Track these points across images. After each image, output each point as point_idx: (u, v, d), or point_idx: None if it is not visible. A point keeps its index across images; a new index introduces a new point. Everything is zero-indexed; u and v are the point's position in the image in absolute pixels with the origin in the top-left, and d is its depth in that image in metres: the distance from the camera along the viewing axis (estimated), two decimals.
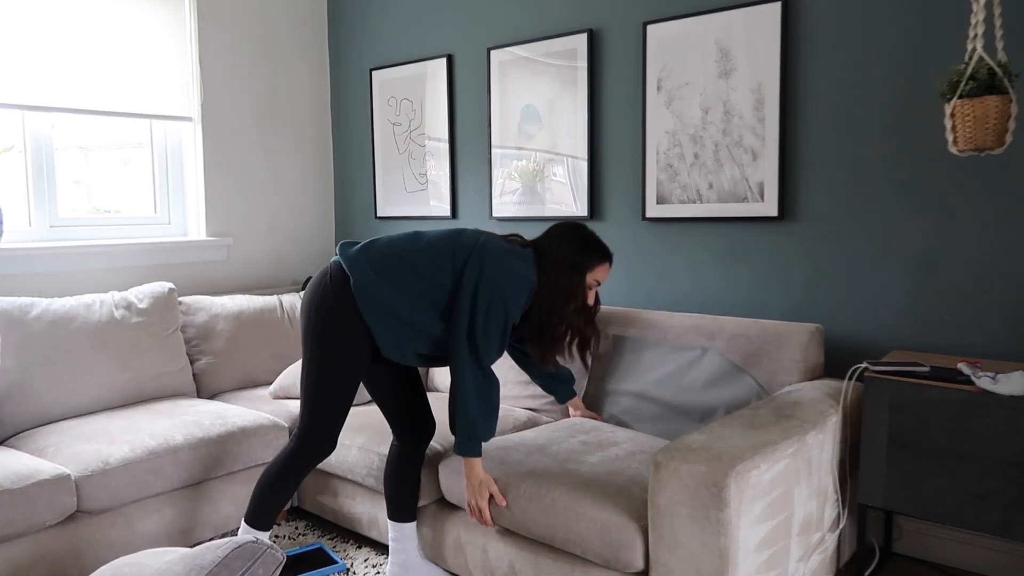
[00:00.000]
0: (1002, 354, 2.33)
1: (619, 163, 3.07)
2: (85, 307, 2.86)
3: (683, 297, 2.95)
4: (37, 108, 3.10)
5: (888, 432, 2.11)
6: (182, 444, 2.50)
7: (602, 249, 2.26)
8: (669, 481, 1.76)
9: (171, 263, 3.51)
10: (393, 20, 3.80)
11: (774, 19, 2.62)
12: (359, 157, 4.05)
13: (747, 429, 1.92)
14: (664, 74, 2.89)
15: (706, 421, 2.47)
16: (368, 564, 2.50)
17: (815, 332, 2.46)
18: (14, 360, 2.63)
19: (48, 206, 3.21)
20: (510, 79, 3.35)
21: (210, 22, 3.61)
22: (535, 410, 2.80)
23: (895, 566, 2.45)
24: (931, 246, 2.42)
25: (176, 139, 3.63)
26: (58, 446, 2.42)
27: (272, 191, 3.91)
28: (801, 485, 1.97)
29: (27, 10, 3.04)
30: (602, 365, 2.83)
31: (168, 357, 3.00)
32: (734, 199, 2.76)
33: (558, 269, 2.18)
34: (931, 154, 2.40)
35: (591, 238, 2.25)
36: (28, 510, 2.14)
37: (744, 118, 2.71)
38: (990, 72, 1.90)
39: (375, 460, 2.46)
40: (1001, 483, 1.95)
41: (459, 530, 2.27)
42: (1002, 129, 1.91)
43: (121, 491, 2.34)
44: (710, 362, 2.56)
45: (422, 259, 2.14)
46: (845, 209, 2.57)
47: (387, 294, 2.10)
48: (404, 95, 3.77)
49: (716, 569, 1.72)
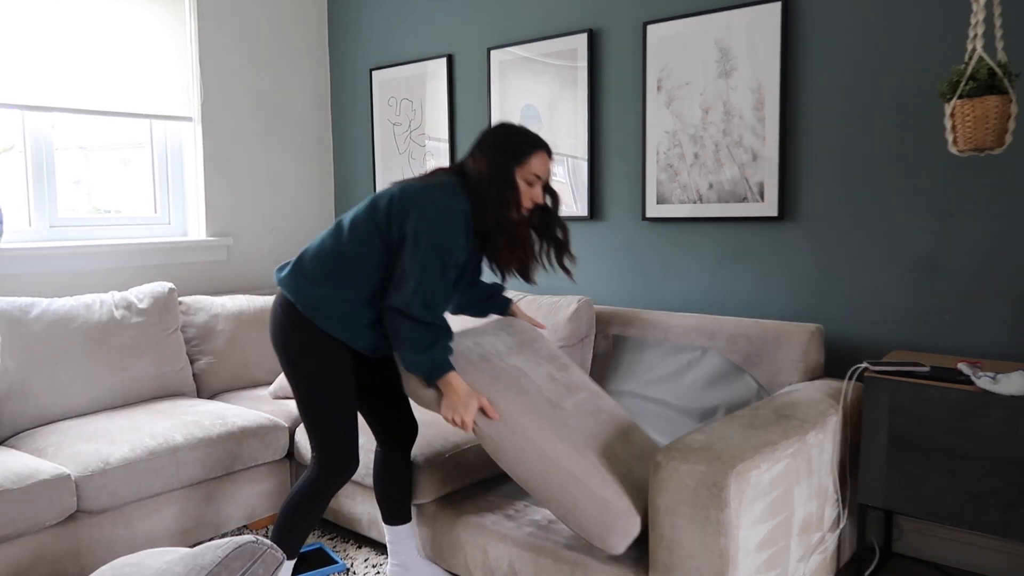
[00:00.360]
0: (1002, 354, 2.33)
1: (619, 163, 3.08)
2: (85, 307, 2.86)
3: (683, 297, 2.95)
4: (37, 108, 3.10)
5: (888, 432, 2.11)
6: (182, 444, 2.50)
7: (529, 139, 2.06)
8: (669, 481, 1.76)
9: (171, 263, 3.51)
10: (393, 20, 3.80)
11: (774, 19, 2.62)
12: (359, 157, 4.05)
13: (747, 429, 1.92)
14: (664, 74, 2.89)
15: (706, 421, 2.47)
16: (368, 564, 2.50)
17: (815, 332, 2.46)
18: (14, 360, 2.63)
19: (48, 206, 3.21)
20: (510, 79, 3.35)
21: (210, 22, 3.61)
22: None
23: (895, 566, 2.45)
24: (931, 246, 2.42)
25: (176, 139, 3.63)
26: (58, 446, 2.42)
27: (272, 191, 3.91)
28: (801, 485, 1.97)
29: (27, 10, 3.04)
30: (602, 365, 2.83)
31: (168, 357, 3.00)
32: (734, 199, 2.76)
33: (484, 181, 2.02)
34: (931, 154, 2.40)
35: (513, 132, 2.07)
36: (28, 510, 2.14)
37: (744, 118, 2.71)
38: (990, 72, 1.90)
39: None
40: (1001, 483, 1.95)
41: (459, 530, 2.27)
42: (1002, 129, 1.91)
43: (121, 491, 2.34)
44: (710, 362, 2.56)
45: (351, 246, 2.03)
46: (845, 209, 2.57)
47: (338, 298, 2.02)
48: (404, 95, 3.77)
49: (716, 569, 1.72)
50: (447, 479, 2.37)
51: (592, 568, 1.96)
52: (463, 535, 2.26)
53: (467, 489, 2.44)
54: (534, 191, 2.09)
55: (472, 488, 2.44)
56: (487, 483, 2.48)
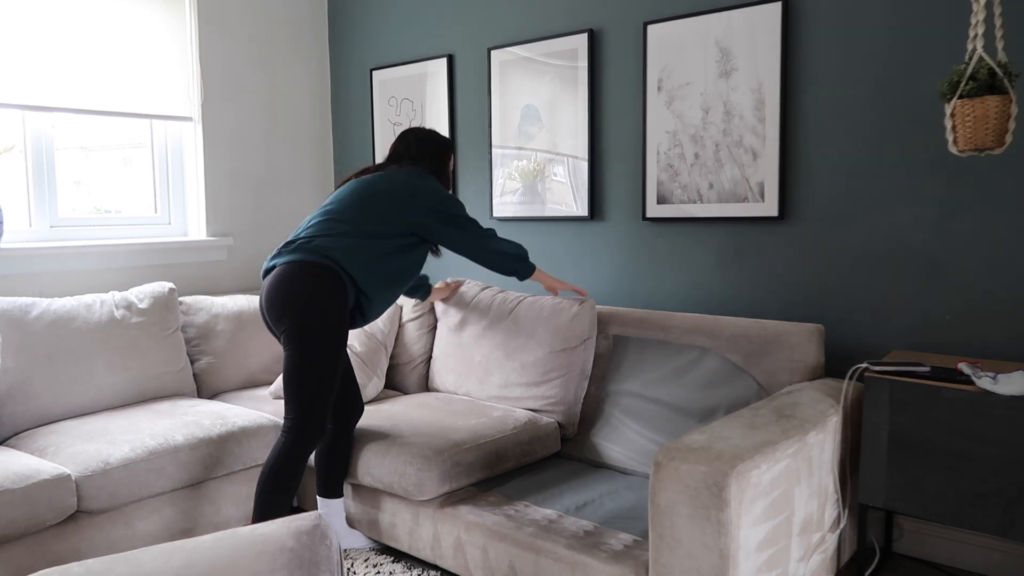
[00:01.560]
0: (1002, 354, 2.33)
1: (620, 163, 3.08)
2: (85, 307, 2.86)
3: (683, 297, 2.95)
4: (38, 108, 3.10)
5: (888, 432, 2.11)
6: (183, 444, 2.50)
7: (448, 139, 2.70)
8: (669, 481, 1.76)
9: (171, 263, 3.51)
10: (393, 20, 3.80)
11: (774, 19, 2.62)
12: (359, 157, 4.05)
13: (748, 429, 1.92)
14: (664, 74, 2.89)
15: (706, 421, 2.47)
16: (368, 564, 2.50)
17: (815, 332, 2.46)
18: (14, 360, 2.63)
19: (48, 206, 3.21)
20: (510, 79, 3.35)
21: (210, 22, 3.61)
22: (536, 410, 2.80)
23: (896, 566, 2.45)
24: (931, 246, 2.42)
25: (176, 139, 3.63)
26: (58, 446, 2.42)
27: (272, 191, 3.91)
28: (802, 485, 1.97)
29: (27, 10, 3.04)
30: (602, 365, 2.83)
31: (168, 357, 3.00)
32: (734, 199, 2.76)
33: (436, 166, 2.61)
34: (931, 154, 2.40)
35: (437, 134, 2.66)
36: (29, 510, 2.14)
37: (745, 118, 2.71)
38: (990, 72, 1.90)
39: None
40: (1002, 483, 1.95)
41: (459, 530, 2.27)
42: (1002, 129, 1.91)
43: (122, 491, 2.34)
44: (710, 362, 2.56)
45: (364, 223, 2.39)
46: (845, 209, 2.57)
47: (370, 251, 2.37)
48: (404, 95, 3.77)
49: (716, 569, 1.72)
50: (447, 479, 2.37)
51: (592, 568, 1.96)
52: (463, 535, 2.26)
53: (467, 489, 2.44)
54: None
55: (472, 488, 2.45)
56: (487, 483, 2.48)
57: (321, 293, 2.28)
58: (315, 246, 2.32)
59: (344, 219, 2.38)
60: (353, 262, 2.33)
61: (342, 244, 2.33)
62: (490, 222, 3.51)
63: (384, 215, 2.40)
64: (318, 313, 2.28)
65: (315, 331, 2.28)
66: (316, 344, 2.28)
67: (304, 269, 2.30)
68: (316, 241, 2.33)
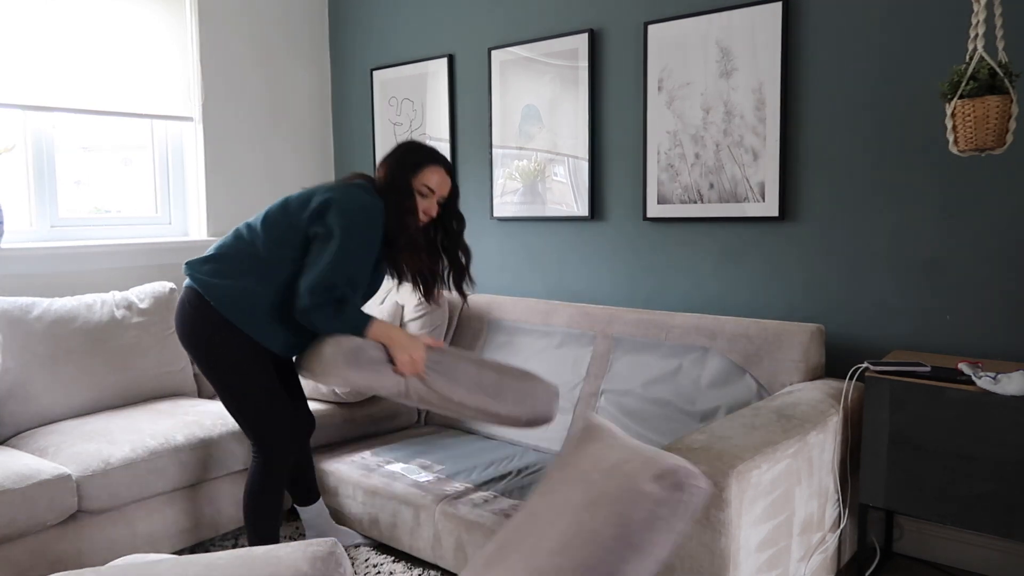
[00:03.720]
0: (1002, 354, 2.33)
1: (620, 163, 3.08)
2: (86, 307, 2.86)
3: (684, 297, 2.95)
4: (38, 108, 3.10)
5: (889, 432, 2.11)
6: (183, 444, 2.50)
7: (425, 153, 2.23)
8: None
9: (172, 263, 3.51)
10: (394, 20, 3.80)
11: (775, 19, 2.62)
12: (360, 158, 4.05)
13: (748, 429, 1.92)
14: (665, 74, 2.89)
15: (706, 421, 2.47)
16: (368, 564, 2.50)
17: (816, 332, 2.46)
18: (15, 360, 2.63)
19: (49, 206, 3.21)
20: (511, 79, 3.35)
21: (210, 22, 3.61)
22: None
23: (896, 566, 2.45)
24: (932, 246, 2.42)
25: (176, 139, 3.63)
26: (59, 446, 2.42)
27: (272, 191, 3.91)
28: (802, 485, 1.97)
29: (27, 10, 3.04)
30: (602, 365, 2.83)
31: (169, 357, 3.00)
32: (735, 199, 2.76)
33: (388, 187, 2.17)
34: (932, 154, 2.40)
35: (414, 147, 2.24)
36: (29, 510, 2.14)
37: (745, 118, 2.71)
38: (991, 72, 1.90)
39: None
40: (1002, 483, 1.95)
41: (460, 531, 2.27)
42: (1003, 129, 1.91)
43: (122, 491, 2.34)
44: (711, 362, 2.56)
45: (266, 244, 2.12)
46: (846, 209, 2.57)
47: (254, 292, 2.09)
48: (405, 95, 3.77)
49: (716, 569, 1.72)
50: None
51: None
52: (464, 535, 2.26)
53: (467, 489, 2.44)
54: (426, 203, 2.23)
55: (472, 488, 2.45)
56: (487, 484, 2.48)
57: (212, 332, 2.11)
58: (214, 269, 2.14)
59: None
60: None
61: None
62: (490, 222, 3.50)
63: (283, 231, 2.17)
64: (215, 353, 2.13)
65: (224, 369, 2.15)
66: (233, 378, 2.16)
67: (191, 305, 2.15)
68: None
